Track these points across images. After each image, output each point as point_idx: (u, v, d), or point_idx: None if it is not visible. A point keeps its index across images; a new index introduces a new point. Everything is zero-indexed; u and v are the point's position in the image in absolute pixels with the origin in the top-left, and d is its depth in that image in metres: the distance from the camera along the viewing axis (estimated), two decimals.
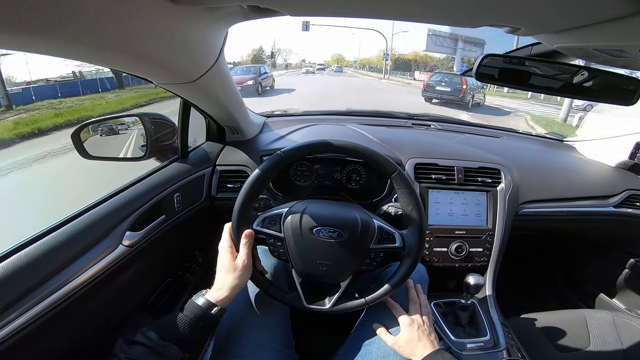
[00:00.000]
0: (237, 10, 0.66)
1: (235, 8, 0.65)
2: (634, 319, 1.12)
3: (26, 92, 12.33)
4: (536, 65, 0.74)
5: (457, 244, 1.15)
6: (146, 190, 0.92)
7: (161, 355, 0.59)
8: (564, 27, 0.55)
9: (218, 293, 0.68)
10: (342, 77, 32.35)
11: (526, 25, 0.58)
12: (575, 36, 0.57)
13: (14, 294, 0.59)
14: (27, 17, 0.38)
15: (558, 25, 0.56)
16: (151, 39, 0.58)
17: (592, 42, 0.58)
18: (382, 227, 0.75)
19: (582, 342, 1.07)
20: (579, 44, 0.61)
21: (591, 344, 1.06)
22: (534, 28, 0.60)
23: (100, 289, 0.77)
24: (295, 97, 13.38)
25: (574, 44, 0.61)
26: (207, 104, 1.04)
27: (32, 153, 5.44)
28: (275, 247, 0.76)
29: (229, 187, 1.17)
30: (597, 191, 1.31)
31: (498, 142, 1.51)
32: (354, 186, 1.23)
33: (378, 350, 0.76)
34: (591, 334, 1.09)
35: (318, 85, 19.03)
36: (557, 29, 0.57)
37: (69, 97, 12.79)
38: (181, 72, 0.75)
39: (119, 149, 1.16)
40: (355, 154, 0.75)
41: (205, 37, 0.71)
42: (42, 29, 0.41)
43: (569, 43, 0.61)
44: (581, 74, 0.71)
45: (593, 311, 1.19)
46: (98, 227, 0.77)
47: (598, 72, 0.71)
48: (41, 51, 0.48)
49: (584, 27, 0.52)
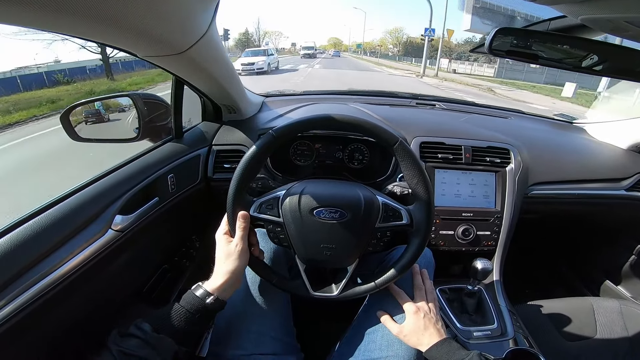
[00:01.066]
0: None
1: None
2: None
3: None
4: (545, 48, 0.69)
5: (464, 226, 1.11)
6: (138, 171, 0.88)
7: (155, 347, 0.56)
8: None
9: (213, 281, 0.65)
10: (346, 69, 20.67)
11: None
12: (607, 6, 0.50)
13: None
14: None
15: None
16: (131, 3, 0.51)
17: (625, 13, 0.51)
18: (387, 204, 0.70)
19: (589, 331, 1.05)
20: (609, 15, 0.54)
21: (598, 332, 1.05)
22: None
23: (91, 276, 0.73)
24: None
25: (603, 15, 0.55)
26: (199, 80, 0.98)
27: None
28: (275, 232, 0.71)
29: (225, 167, 1.13)
30: (609, 174, 1.28)
31: (506, 122, 1.46)
32: (356, 165, 1.19)
33: (382, 338, 0.74)
34: (598, 323, 1.07)
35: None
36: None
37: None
38: (168, 42, 0.68)
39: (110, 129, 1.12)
40: (354, 127, 0.68)
41: (194, 3, 0.64)
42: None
43: (598, 14, 0.55)
44: (590, 59, 0.67)
45: (600, 299, 1.17)
46: (85, 211, 0.73)
47: (612, 54, 0.66)
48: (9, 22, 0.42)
49: None
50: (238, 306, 0.76)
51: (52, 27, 0.50)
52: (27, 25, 0.48)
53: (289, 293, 0.79)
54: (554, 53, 0.70)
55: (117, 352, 0.53)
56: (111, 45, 0.65)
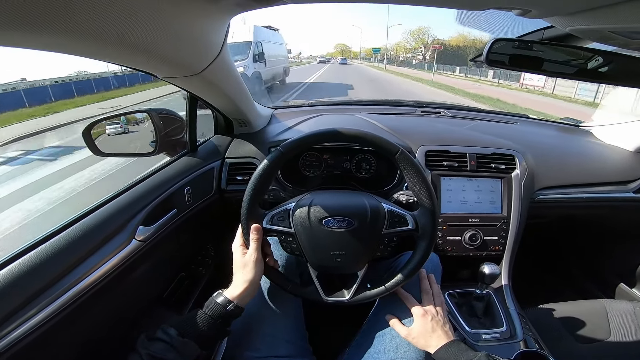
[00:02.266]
0: (239, 0, 0.64)
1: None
2: None
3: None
4: (549, 50, 0.71)
5: (471, 232, 1.12)
6: (157, 184, 0.93)
7: (180, 351, 0.60)
8: (578, 8, 0.52)
9: (233, 290, 0.69)
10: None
11: (537, 7, 0.55)
12: (590, 18, 0.53)
13: (32, 291, 0.60)
14: (23, 11, 0.37)
15: (571, 7, 0.53)
16: (154, 31, 0.57)
17: (607, 24, 0.54)
18: (392, 211, 0.74)
19: (602, 333, 1.03)
20: (593, 26, 0.57)
21: (611, 334, 1.03)
22: (546, 10, 0.57)
23: (117, 283, 0.78)
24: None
25: (588, 27, 0.58)
26: (213, 97, 1.04)
27: None
28: (287, 242, 0.75)
29: (238, 179, 1.17)
30: (616, 176, 1.27)
31: (511, 128, 1.47)
32: (364, 175, 1.22)
33: (391, 341, 0.76)
34: (611, 325, 1.05)
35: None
36: (570, 10, 0.54)
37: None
38: (185, 64, 0.74)
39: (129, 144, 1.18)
40: (357, 140, 0.73)
41: (208, 28, 0.70)
42: (40, 24, 0.40)
43: (583, 25, 0.58)
44: (595, 60, 0.68)
45: (613, 301, 1.15)
46: (112, 223, 0.78)
47: (614, 56, 0.67)
48: (40, 47, 0.48)
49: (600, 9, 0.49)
50: (253, 310, 0.79)
51: (82, 53, 0.55)
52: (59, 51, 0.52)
53: (303, 299, 0.82)
54: (558, 55, 0.71)
55: (145, 355, 0.58)
56: (135, 68, 0.70)
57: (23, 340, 0.57)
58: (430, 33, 67.15)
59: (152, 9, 0.53)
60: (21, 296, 0.59)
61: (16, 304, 0.58)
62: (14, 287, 0.58)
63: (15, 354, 0.57)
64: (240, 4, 0.65)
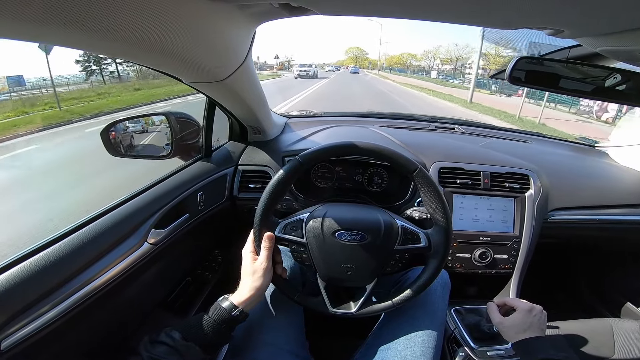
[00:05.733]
0: (268, 9, 0.65)
1: (265, 6, 0.65)
2: None
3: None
4: (567, 68, 0.71)
5: (481, 250, 1.12)
6: (171, 188, 0.94)
7: (183, 355, 0.59)
8: (611, 30, 0.53)
9: (239, 295, 0.69)
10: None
11: (571, 28, 0.55)
12: (622, 39, 0.54)
13: (43, 289, 0.60)
14: (56, 9, 0.38)
15: (604, 29, 0.53)
16: (182, 36, 0.58)
17: (638, 46, 0.55)
18: (405, 228, 0.73)
19: (606, 351, 1.01)
20: (624, 47, 0.58)
21: (616, 353, 1.01)
22: (579, 31, 0.57)
23: (125, 285, 0.78)
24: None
25: (618, 47, 0.58)
26: (232, 104, 1.05)
27: None
28: (299, 252, 0.75)
29: (250, 187, 1.17)
30: (630, 199, 1.26)
31: (526, 147, 1.46)
32: (375, 189, 1.22)
33: (395, 355, 0.75)
34: (617, 344, 1.03)
35: None
36: (602, 32, 0.55)
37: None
38: (210, 70, 0.75)
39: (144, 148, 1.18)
40: (374, 154, 0.73)
41: (235, 35, 0.71)
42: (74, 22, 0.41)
43: (614, 46, 0.58)
44: (614, 77, 0.68)
45: (620, 320, 1.14)
46: (124, 225, 0.78)
47: (633, 74, 0.67)
48: (72, 45, 0.48)
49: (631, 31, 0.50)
50: (255, 318, 0.79)
51: (111, 53, 0.56)
52: (88, 49, 0.55)
53: (307, 309, 0.81)
54: (575, 74, 0.72)
55: (147, 358, 0.57)
56: (161, 71, 0.71)
57: (30, 338, 0.58)
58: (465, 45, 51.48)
59: (183, 14, 0.54)
60: (32, 294, 0.59)
61: (26, 302, 0.58)
62: (25, 284, 0.58)
63: (22, 352, 0.57)
64: (268, 12, 0.66)
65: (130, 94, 12.89)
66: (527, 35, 0.87)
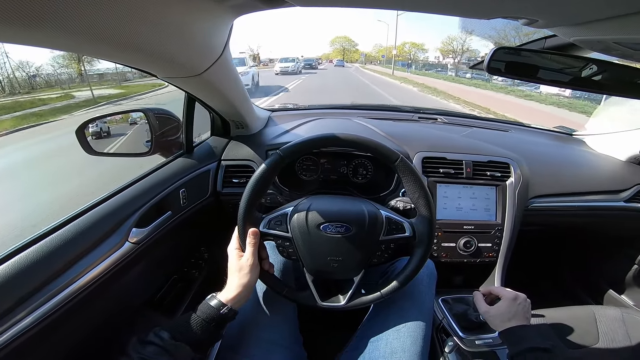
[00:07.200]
0: (245, 1, 0.64)
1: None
2: None
3: None
4: (545, 58, 0.72)
5: (466, 239, 1.13)
6: (152, 186, 0.92)
7: (173, 354, 0.59)
8: (585, 19, 0.53)
9: (227, 293, 0.68)
10: None
11: (545, 17, 0.55)
12: (596, 29, 0.54)
13: (22, 293, 0.59)
14: (26, 8, 0.36)
15: (579, 18, 0.54)
16: (156, 31, 0.56)
17: (612, 35, 0.55)
18: (390, 218, 0.74)
19: (590, 339, 1.04)
20: (598, 37, 0.58)
21: (600, 340, 1.04)
22: (553, 20, 0.57)
23: (108, 286, 0.76)
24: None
25: (593, 37, 0.59)
26: (212, 98, 1.03)
27: None
28: (284, 247, 0.74)
29: (234, 182, 1.16)
30: (608, 186, 1.29)
31: (506, 136, 1.49)
32: (360, 180, 1.22)
33: (385, 347, 0.76)
34: (600, 331, 1.06)
35: None
36: (577, 21, 0.55)
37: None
38: (186, 65, 0.73)
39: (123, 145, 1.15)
40: (356, 145, 0.73)
41: (211, 29, 0.69)
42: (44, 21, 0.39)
43: (588, 36, 0.59)
44: (590, 68, 0.69)
45: (602, 308, 1.16)
46: (104, 224, 0.76)
47: (608, 65, 0.68)
48: (41, 44, 0.46)
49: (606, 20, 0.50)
50: (248, 315, 0.79)
51: (79, 50, 0.54)
52: (57, 48, 0.52)
53: (298, 304, 0.81)
54: (552, 64, 0.72)
55: (137, 359, 0.56)
56: (135, 67, 0.69)
57: (12, 343, 0.56)
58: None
59: (156, 7, 0.52)
60: (11, 298, 0.57)
61: (5, 307, 0.56)
62: (3, 289, 0.56)
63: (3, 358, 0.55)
64: (245, 4, 0.64)
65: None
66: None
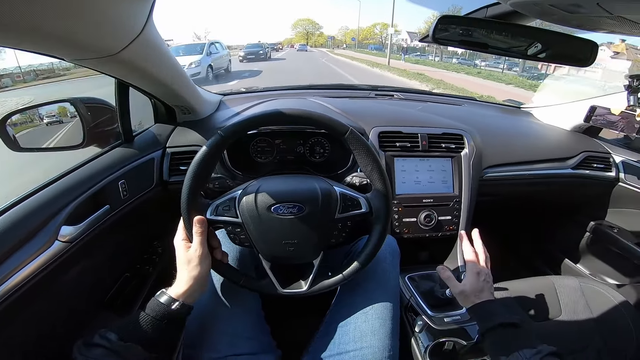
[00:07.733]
0: None
1: None
2: (599, 285, 1.13)
3: None
4: (492, 35, 0.71)
5: (426, 212, 1.14)
6: (84, 178, 0.83)
7: (122, 356, 0.54)
8: None
9: (177, 288, 0.63)
10: None
11: None
12: None
13: None
14: None
15: None
16: (49, 10, 0.47)
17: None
18: (344, 194, 0.70)
19: (554, 311, 1.06)
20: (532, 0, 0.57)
21: (562, 312, 1.06)
22: None
23: (43, 289, 0.70)
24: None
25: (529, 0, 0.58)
26: (142, 81, 0.93)
27: None
28: (235, 234, 0.70)
29: (182, 169, 1.09)
30: (556, 154, 1.34)
31: (459, 109, 1.52)
32: (318, 159, 1.19)
33: (354, 331, 0.74)
34: (561, 302, 1.08)
35: None
36: None
37: None
38: (95, 45, 0.63)
39: None
40: (303, 120, 0.68)
41: (123, 6, 0.60)
42: None
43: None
44: (535, 46, 0.70)
45: (560, 278, 1.19)
46: (30, 222, 0.69)
47: (552, 41, 0.70)
48: None
49: None
50: (208, 309, 0.74)
51: None
52: None
53: (258, 293, 0.78)
54: (500, 42, 0.72)
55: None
56: (32, 51, 0.59)
57: None
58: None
59: None
60: None
61: None
62: None
63: None
64: None
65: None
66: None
